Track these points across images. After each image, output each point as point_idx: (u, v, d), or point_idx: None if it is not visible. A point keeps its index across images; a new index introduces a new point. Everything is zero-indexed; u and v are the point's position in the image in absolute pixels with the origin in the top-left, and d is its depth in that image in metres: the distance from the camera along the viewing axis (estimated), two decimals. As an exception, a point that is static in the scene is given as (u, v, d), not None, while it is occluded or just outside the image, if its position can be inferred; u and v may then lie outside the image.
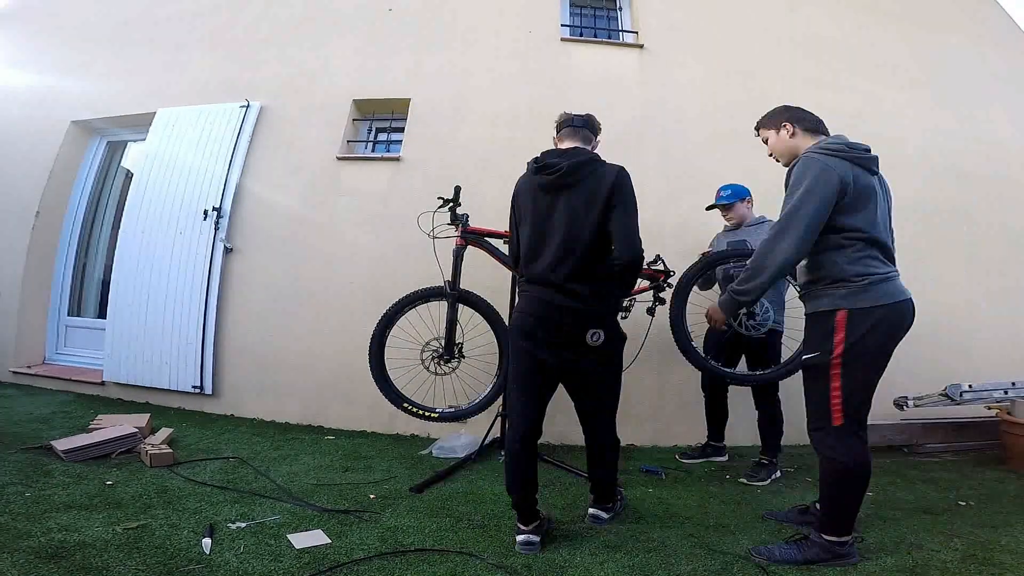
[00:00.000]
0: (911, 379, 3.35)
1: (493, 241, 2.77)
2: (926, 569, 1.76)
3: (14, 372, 4.00)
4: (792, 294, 2.40)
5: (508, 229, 2.11)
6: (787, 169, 1.92)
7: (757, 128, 2.15)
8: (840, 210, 1.73)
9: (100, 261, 4.46)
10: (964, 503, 2.40)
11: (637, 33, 4.19)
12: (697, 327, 2.52)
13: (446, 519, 2.11)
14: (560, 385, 1.99)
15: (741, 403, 3.00)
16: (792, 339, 2.59)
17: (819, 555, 1.77)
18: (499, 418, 2.95)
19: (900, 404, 3.14)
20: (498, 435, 2.97)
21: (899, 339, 1.80)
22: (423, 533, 1.97)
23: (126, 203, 3.99)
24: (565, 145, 2.00)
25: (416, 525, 2.03)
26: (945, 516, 2.24)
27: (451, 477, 2.60)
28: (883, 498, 2.46)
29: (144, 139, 4.08)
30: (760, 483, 2.67)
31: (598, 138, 2.10)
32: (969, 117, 4.13)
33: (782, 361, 2.67)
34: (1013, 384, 3.17)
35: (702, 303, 2.27)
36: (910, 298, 1.79)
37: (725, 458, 3.01)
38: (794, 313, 2.39)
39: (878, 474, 2.79)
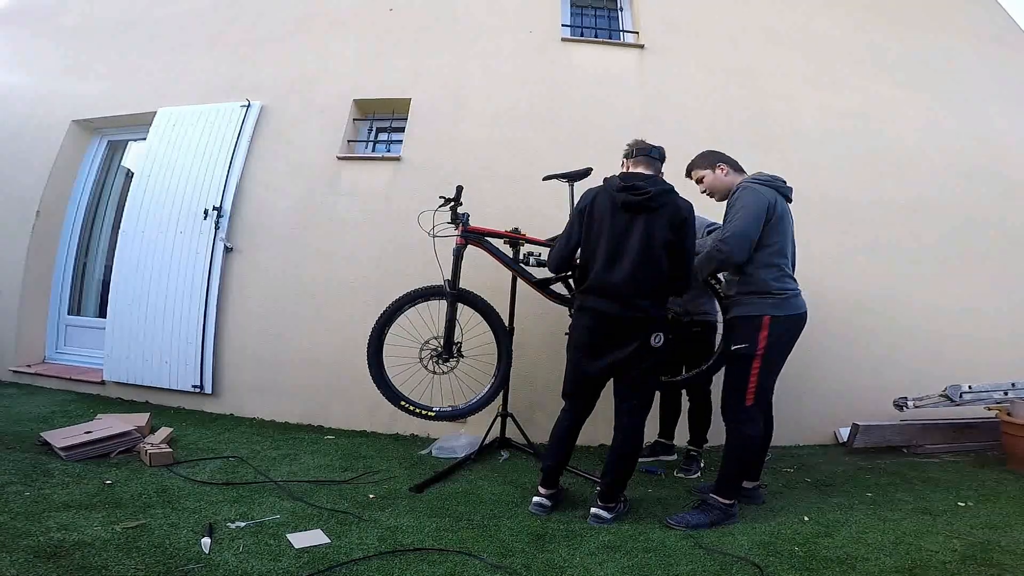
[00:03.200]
0: (911, 380, 3.36)
1: (493, 241, 2.76)
2: (925, 570, 1.76)
3: (14, 371, 3.99)
4: None
5: (563, 232, 2.32)
6: (725, 201, 2.30)
7: (690, 169, 2.48)
8: (767, 228, 2.13)
9: (100, 260, 4.46)
10: (963, 504, 2.40)
11: (638, 33, 4.19)
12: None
13: (445, 519, 2.11)
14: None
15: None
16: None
17: (720, 517, 2.15)
18: (499, 418, 2.95)
19: (900, 405, 3.14)
20: (498, 435, 2.98)
21: (795, 342, 2.23)
22: (422, 533, 1.97)
23: (126, 202, 3.99)
24: (640, 170, 2.19)
25: (415, 525, 2.03)
26: (944, 517, 2.24)
27: (451, 477, 2.60)
28: (882, 499, 2.46)
29: (144, 139, 4.07)
30: (692, 476, 2.75)
31: (662, 164, 2.29)
32: (969, 116, 4.12)
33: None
34: (1013, 385, 3.16)
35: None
36: (807, 310, 2.24)
37: (674, 456, 2.99)
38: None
39: (878, 474, 2.80)
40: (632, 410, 2.16)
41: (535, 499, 2.21)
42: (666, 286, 2.11)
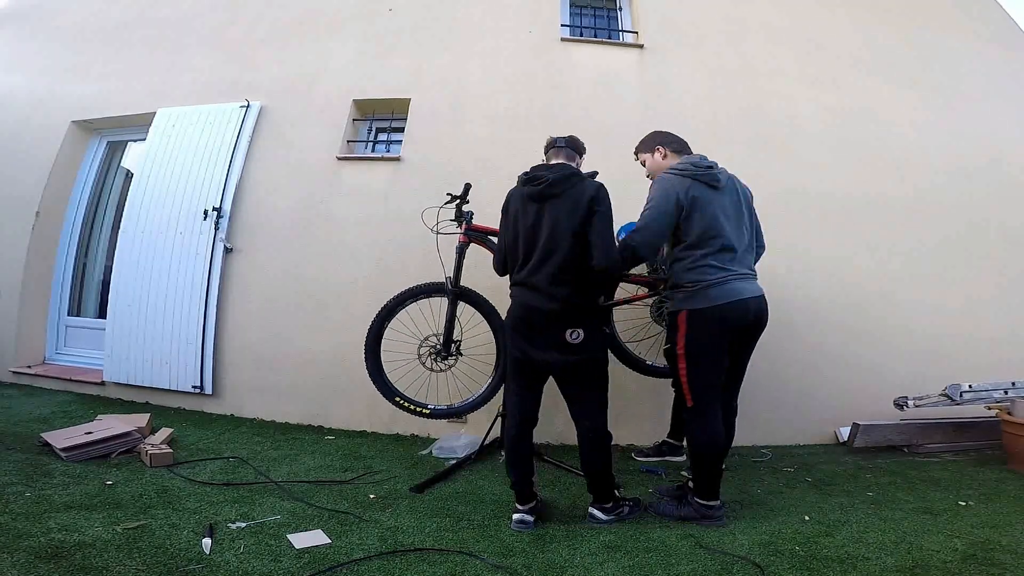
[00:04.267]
0: (911, 379, 3.36)
1: (495, 240, 2.76)
2: (926, 569, 1.76)
3: (14, 372, 3.99)
4: None
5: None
6: None
7: (636, 152, 2.46)
8: (682, 220, 2.08)
9: (100, 261, 4.46)
10: (964, 503, 2.39)
11: (637, 33, 4.19)
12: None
13: (446, 519, 2.11)
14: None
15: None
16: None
17: (692, 514, 2.12)
18: (499, 418, 2.95)
19: (900, 404, 3.14)
20: (498, 435, 2.97)
21: (741, 333, 2.11)
22: (423, 533, 1.97)
23: (126, 203, 3.99)
24: (552, 161, 2.21)
25: (416, 525, 2.03)
26: (945, 516, 2.24)
27: (451, 477, 2.60)
28: (883, 498, 2.45)
29: (144, 139, 4.07)
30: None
31: (582, 157, 2.28)
32: (968, 115, 4.12)
33: None
34: (1013, 384, 3.16)
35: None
36: (746, 298, 2.08)
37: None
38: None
39: (879, 474, 2.80)
40: (582, 413, 2.09)
41: (515, 516, 2.08)
42: (583, 274, 2.00)
